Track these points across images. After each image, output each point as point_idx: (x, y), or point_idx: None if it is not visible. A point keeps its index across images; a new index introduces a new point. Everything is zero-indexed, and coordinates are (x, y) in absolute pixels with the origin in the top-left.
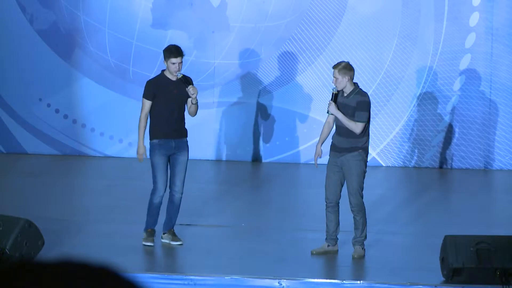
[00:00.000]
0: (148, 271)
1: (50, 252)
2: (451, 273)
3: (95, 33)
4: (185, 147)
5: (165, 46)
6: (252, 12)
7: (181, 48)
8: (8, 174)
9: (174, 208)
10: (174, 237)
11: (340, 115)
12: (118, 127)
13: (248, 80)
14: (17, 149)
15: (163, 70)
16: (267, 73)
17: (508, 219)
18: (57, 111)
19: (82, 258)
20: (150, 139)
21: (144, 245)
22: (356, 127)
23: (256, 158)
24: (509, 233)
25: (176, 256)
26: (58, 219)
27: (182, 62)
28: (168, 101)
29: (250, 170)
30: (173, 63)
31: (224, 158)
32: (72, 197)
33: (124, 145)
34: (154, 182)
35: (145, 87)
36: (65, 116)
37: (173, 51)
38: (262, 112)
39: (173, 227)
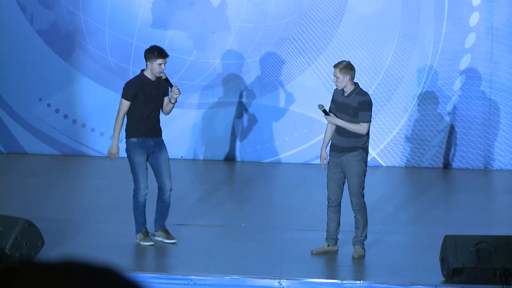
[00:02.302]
0: (148, 271)
1: (50, 252)
2: (451, 273)
3: (95, 33)
4: (163, 144)
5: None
6: (252, 12)
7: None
8: (8, 174)
9: (165, 207)
10: (168, 235)
11: (341, 122)
12: None
13: (248, 80)
14: (17, 149)
15: (142, 70)
16: (267, 73)
17: (508, 219)
18: (57, 111)
19: (83, 258)
20: (128, 137)
21: (145, 245)
22: (361, 128)
23: (256, 158)
24: (509, 233)
25: (176, 256)
26: (58, 219)
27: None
28: (147, 101)
29: (250, 169)
30: (160, 64)
31: (223, 158)
32: (72, 197)
33: (123, 145)
34: (136, 181)
35: (125, 88)
36: (65, 116)
37: (160, 52)
38: (262, 112)
39: (164, 225)
